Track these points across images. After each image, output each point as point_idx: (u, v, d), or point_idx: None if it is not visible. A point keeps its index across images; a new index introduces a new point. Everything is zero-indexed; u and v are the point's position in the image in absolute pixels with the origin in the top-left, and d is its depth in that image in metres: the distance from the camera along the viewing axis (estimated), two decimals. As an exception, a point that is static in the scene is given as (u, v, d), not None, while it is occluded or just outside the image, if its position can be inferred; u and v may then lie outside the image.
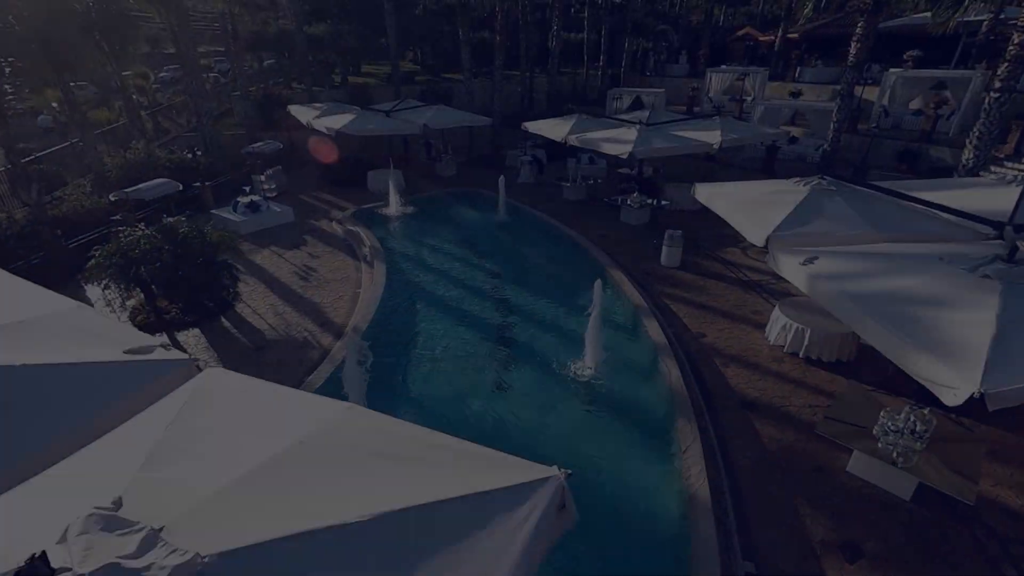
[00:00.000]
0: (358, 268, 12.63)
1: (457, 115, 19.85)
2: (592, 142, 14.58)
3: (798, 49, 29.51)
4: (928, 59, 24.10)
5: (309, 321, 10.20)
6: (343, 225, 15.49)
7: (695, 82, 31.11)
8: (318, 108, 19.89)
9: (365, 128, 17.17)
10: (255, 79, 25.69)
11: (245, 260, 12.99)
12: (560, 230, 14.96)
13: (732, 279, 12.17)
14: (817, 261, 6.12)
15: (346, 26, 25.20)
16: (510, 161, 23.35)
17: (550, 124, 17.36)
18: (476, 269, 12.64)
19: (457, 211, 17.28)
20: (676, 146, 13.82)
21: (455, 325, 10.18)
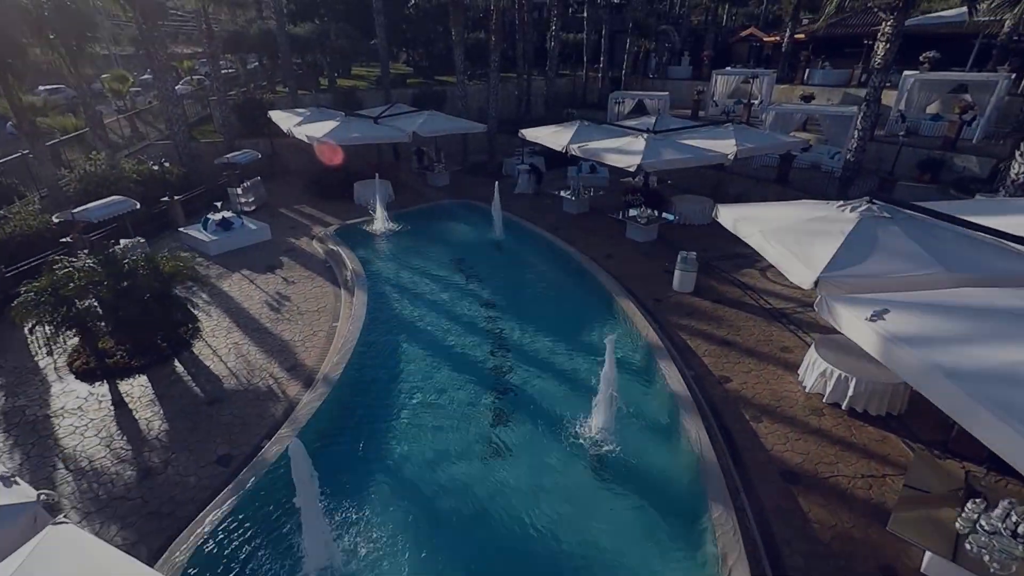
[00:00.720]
0: (337, 296, 11.33)
1: (449, 122, 18.60)
2: (595, 153, 13.33)
3: (805, 50, 28.35)
4: (939, 61, 22.96)
5: (276, 364, 8.90)
6: (324, 244, 14.19)
7: (700, 85, 29.92)
8: (301, 114, 18.60)
9: (348, 137, 15.89)
10: (237, 82, 24.34)
11: (211, 287, 11.68)
12: (562, 250, 13.69)
13: (753, 307, 10.93)
14: (888, 316, 4.87)
15: (334, 26, 23.92)
16: (507, 169, 22.11)
17: (549, 132, 16.12)
18: (468, 298, 11.36)
19: (449, 227, 16.00)
20: (688, 158, 12.59)
21: (442, 370, 8.89)
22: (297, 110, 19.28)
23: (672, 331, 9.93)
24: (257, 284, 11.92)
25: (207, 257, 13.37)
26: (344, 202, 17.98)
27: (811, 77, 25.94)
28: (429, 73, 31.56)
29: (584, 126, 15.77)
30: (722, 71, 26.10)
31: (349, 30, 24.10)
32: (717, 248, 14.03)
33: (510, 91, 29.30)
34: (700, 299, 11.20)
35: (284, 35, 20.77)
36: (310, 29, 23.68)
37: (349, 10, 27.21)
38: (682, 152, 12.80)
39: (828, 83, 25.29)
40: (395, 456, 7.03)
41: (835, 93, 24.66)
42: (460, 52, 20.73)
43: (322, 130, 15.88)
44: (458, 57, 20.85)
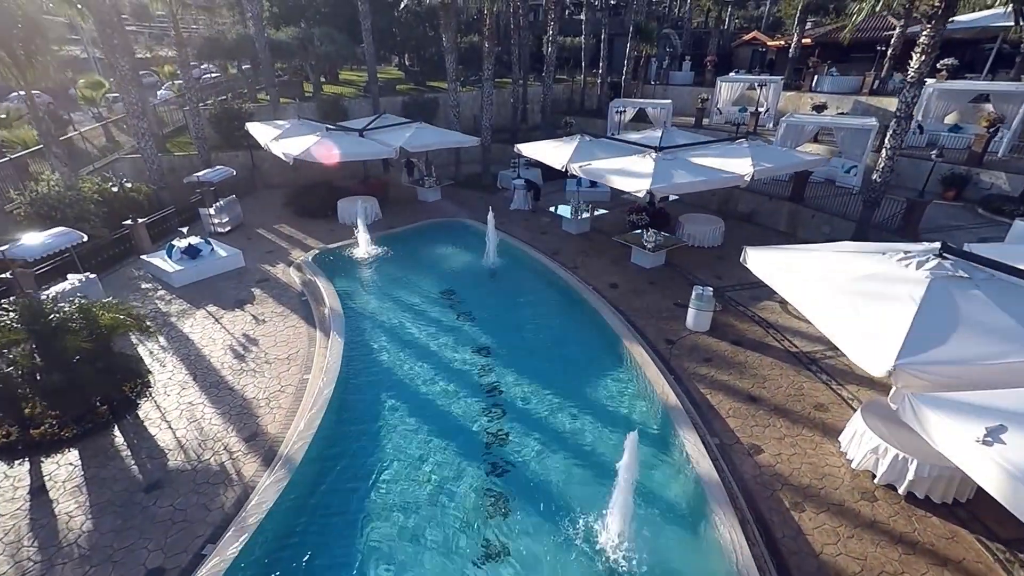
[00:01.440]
0: (311, 338, 10.07)
1: (439, 135, 17.35)
2: (599, 174, 12.13)
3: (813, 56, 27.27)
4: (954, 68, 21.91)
5: (233, 432, 7.64)
6: (302, 273, 12.91)
7: (703, 91, 28.79)
8: (279, 127, 17.30)
9: (329, 154, 14.61)
10: (217, 89, 22.93)
11: (171, 328, 10.39)
12: (562, 280, 12.48)
13: (777, 350, 9.76)
14: (1006, 435, 3.69)
15: (318, 31, 22.65)
16: (502, 181, 20.90)
17: (548, 148, 14.91)
18: (460, 342, 10.12)
19: (439, 251, 14.75)
20: (701, 180, 11.42)
21: (428, 441, 7.65)
22: (276, 122, 17.99)
23: (690, 383, 8.74)
24: (223, 324, 10.64)
25: (171, 289, 12.08)
26: (327, 221, 16.72)
27: (819, 84, 24.87)
28: (421, 78, 30.30)
29: (585, 141, 14.57)
30: (726, 78, 24.99)
31: (334, 35, 22.83)
32: (731, 275, 12.88)
33: (505, 98, 28.09)
34: (717, 340, 10.02)
35: (263, 41, 19.46)
36: (292, 34, 22.39)
37: (335, 14, 25.91)
38: (694, 174, 11.62)
39: (838, 91, 24.22)
40: (366, 565, 5.80)
41: (845, 101, 23.60)
42: (452, 59, 19.52)
43: (300, 146, 14.61)
44: (450, 65, 19.63)
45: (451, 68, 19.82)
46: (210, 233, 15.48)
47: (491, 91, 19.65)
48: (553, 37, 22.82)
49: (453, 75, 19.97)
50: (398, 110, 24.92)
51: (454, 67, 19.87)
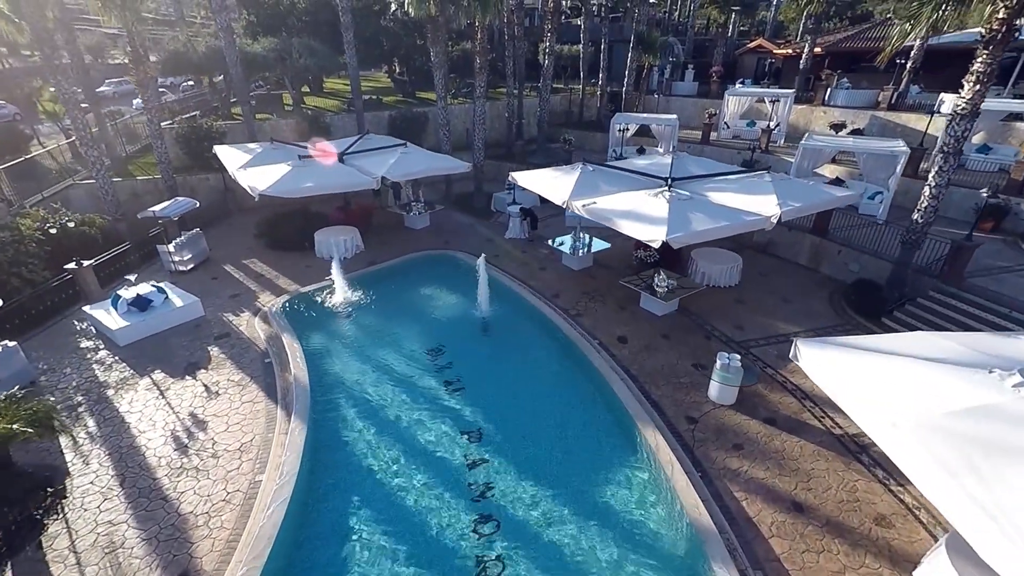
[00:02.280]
0: (271, 420, 8.53)
1: (426, 161, 15.81)
2: (606, 216, 10.65)
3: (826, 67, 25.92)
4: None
5: (158, 567, 6.12)
6: (268, 325, 11.37)
7: (707, 103, 27.39)
8: (250, 151, 15.74)
9: (300, 187, 13.06)
10: (187, 105, 21.20)
11: (104, 407, 8.84)
12: (563, 334, 10.99)
13: (817, 431, 8.33)
14: None
15: (298, 41, 21.07)
16: (496, 205, 19.42)
17: (546, 179, 13.43)
18: (446, 422, 8.62)
19: (425, 296, 13.22)
20: (723, 226, 9.96)
21: (403, 569, 6.17)
22: (247, 146, 16.42)
23: (720, 483, 7.29)
24: (168, 398, 9.10)
25: (114, 349, 10.52)
26: (303, 255, 15.18)
27: (833, 98, 23.51)
28: (410, 89, 28.73)
29: (588, 171, 13.10)
30: (734, 91, 23.58)
31: (314, 47, 21.27)
32: (753, 323, 11.48)
33: (499, 111, 26.60)
34: (746, 417, 8.58)
35: (235, 54, 17.88)
36: (269, 46, 20.81)
37: (317, 22, 24.32)
38: (714, 217, 10.17)
39: (853, 105, 22.87)
40: None
41: (861, 116, 22.26)
42: (441, 75, 18.01)
43: (267, 179, 13.05)
44: (439, 80, 18.13)
45: (440, 84, 18.31)
46: (171, 271, 13.94)
47: (483, 110, 18.17)
48: (550, 48, 21.36)
49: (442, 91, 18.46)
50: (384, 126, 23.41)
51: (443, 83, 18.36)
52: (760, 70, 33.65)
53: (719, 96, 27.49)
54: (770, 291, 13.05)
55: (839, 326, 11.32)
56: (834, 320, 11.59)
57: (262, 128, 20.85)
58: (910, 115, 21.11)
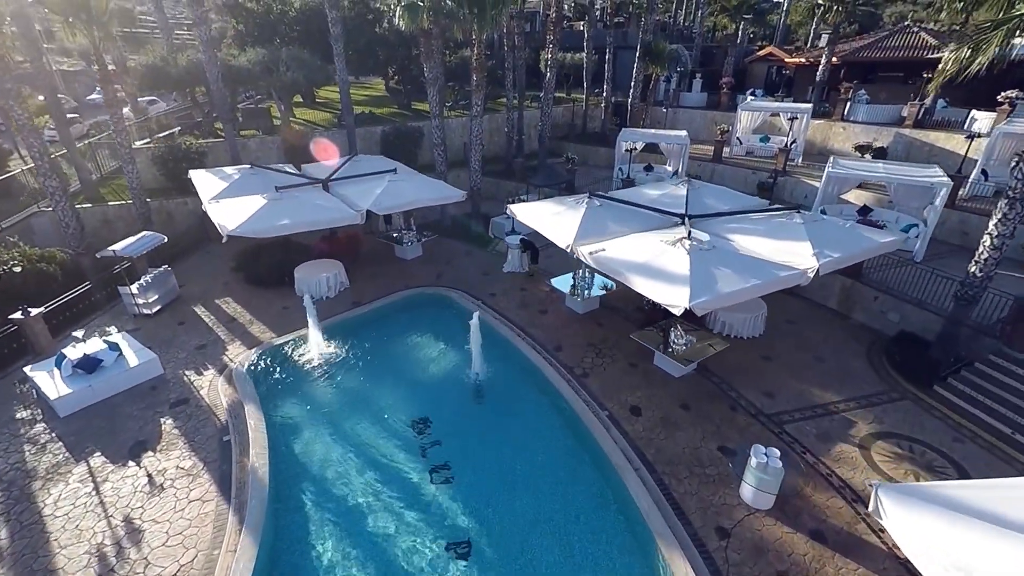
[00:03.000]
0: (220, 527, 7.17)
1: (417, 190, 14.40)
2: (617, 268, 9.27)
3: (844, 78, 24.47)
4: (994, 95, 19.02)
5: None
6: (232, 388, 10.01)
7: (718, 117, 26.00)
8: (227, 177, 14.41)
9: (274, 225, 11.69)
10: (158, 124, 19.69)
11: (23, 510, 7.48)
12: (567, 405, 9.60)
13: (876, 551, 6.93)
14: None
15: (286, 52, 19.72)
16: (494, 230, 18.05)
17: (548, 213, 12.06)
18: (429, 526, 7.27)
19: (412, 346, 11.86)
20: (755, 286, 8.58)
21: None
22: (224, 170, 15.07)
23: (764, 634, 5.91)
24: (103, 494, 7.74)
25: (53, 421, 9.18)
26: (282, 293, 13.84)
27: (853, 112, 22.10)
28: (405, 100, 27.36)
29: (595, 206, 11.72)
30: (748, 105, 22.16)
31: (304, 58, 19.93)
32: (784, 388, 10.09)
33: (499, 124, 25.26)
34: (789, 529, 7.18)
35: (215, 69, 16.55)
36: (256, 57, 19.48)
37: (309, 31, 22.97)
38: (742, 273, 8.78)
39: (875, 121, 21.47)
40: None
41: (884, 133, 20.85)
42: (435, 91, 16.69)
43: (239, 214, 11.71)
44: (433, 98, 16.79)
45: (434, 101, 16.96)
46: (135, 315, 12.62)
47: (481, 129, 16.81)
48: (552, 60, 19.98)
49: (437, 107, 17.10)
50: (377, 143, 22.08)
51: (438, 99, 17.01)
52: (770, 79, 32.25)
53: (729, 108, 26.15)
54: (800, 344, 11.64)
55: (884, 394, 9.91)
56: (877, 385, 10.18)
57: (246, 147, 19.54)
58: (938, 133, 19.71)
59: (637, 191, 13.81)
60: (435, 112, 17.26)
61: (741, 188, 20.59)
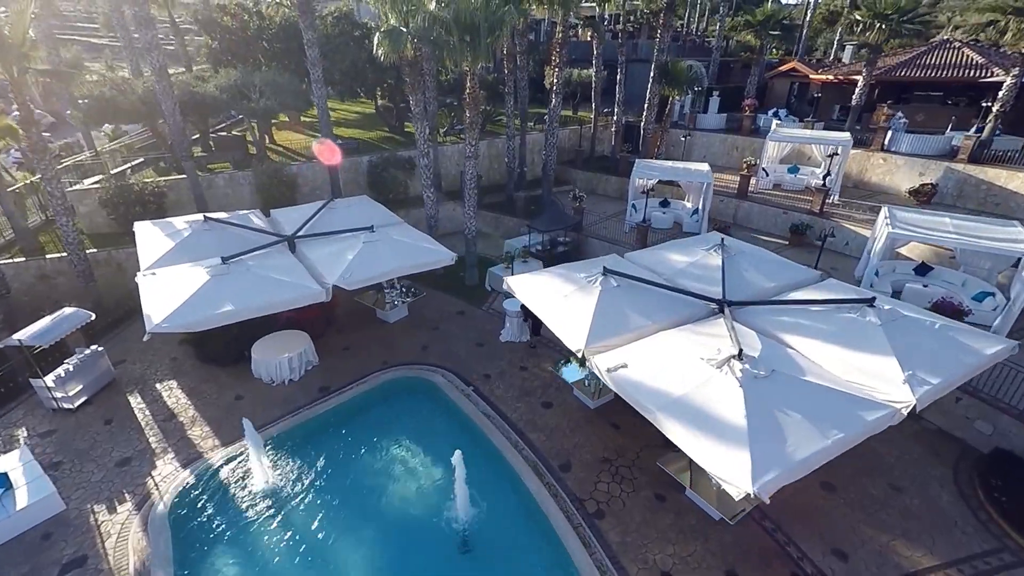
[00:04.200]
0: None
1: (399, 255, 11.83)
2: (645, 405, 6.99)
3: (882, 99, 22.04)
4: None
5: None
6: (147, 538, 7.80)
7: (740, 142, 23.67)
8: (176, 233, 12.17)
9: (211, 316, 9.34)
10: (111, 160, 17.44)
11: None
12: (577, 568, 7.34)
13: None
14: None
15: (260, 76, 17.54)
16: (491, 282, 15.84)
17: (554, 294, 9.78)
18: None
19: (383, 467, 9.51)
20: (840, 440, 6.29)
21: None
22: (174, 223, 12.84)
23: None
24: None
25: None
26: (239, 373, 11.71)
27: (894, 142, 19.71)
28: (396, 121, 25.10)
29: (611, 287, 9.46)
30: (776, 135, 19.76)
31: (280, 82, 17.75)
32: (856, 541, 7.78)
33: (499, 150, 23.01)
34: None
35: (171, 100, 14.39)
36: (226, 81, 17.31)
37: (289, 50, 20.79)
38: (817, 418, 6.47)
39: (921, 153, 19.05)
40: None
41: (931, 167, 18.46)
42: (423, 127, 14.49)
43: (171, 298, 9.44)
44: (421, 133, 14.57)
45: (423, 137, 14.73)
46: (52, 410, 10.43)
47: (474, 170, 14.57)
48: (557, 87, 17.72)
49: (426, 145, 14.87)
50: (363, 175, 19.89)
51: (426, 134, 14.79)
52: (792, 96, 29.86)
53: (752, 133, 23.82)
54: (867, 464, 9.31)
55: (993, 554, 7.60)
56: (979, 536, 7.87)
57: (213, 184, 17.34)
58: (998, 170, 17.31)
59: (660, 256, 11.51)
60: (423, 150, 15.03)
61: (771, 229, 18.30)
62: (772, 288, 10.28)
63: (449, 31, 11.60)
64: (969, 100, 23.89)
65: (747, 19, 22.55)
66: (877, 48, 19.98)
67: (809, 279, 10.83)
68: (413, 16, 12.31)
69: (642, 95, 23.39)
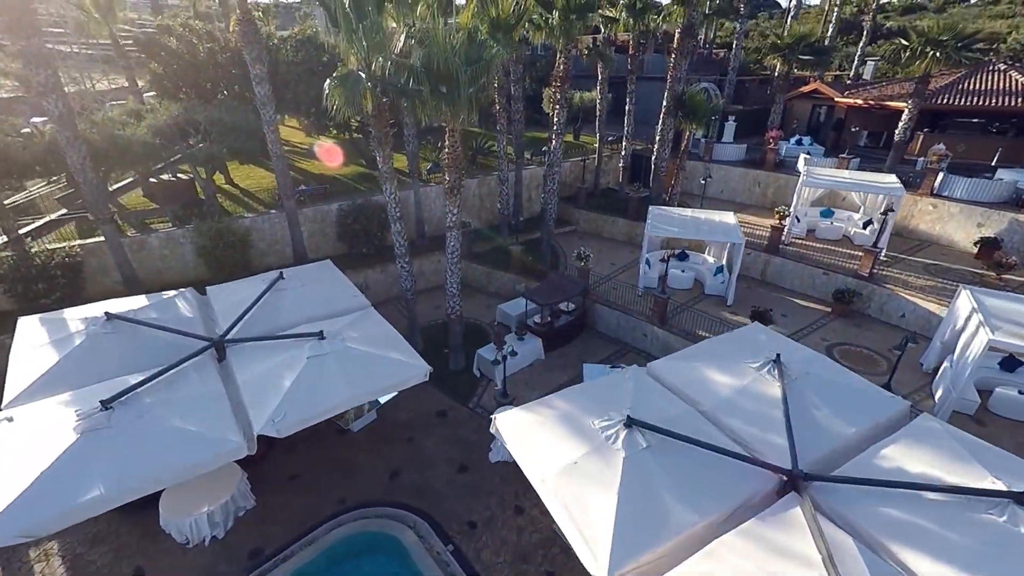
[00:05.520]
0: None
1: (348, 383, 8.81)
2: None
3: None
4: None
5: None
6: None
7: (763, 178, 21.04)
8: (67, 340, 9.33)
9: (71, 508, 6.36)
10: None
11: None
12: None
13: None
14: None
15: (204, 116, 14.65)
16: (480, 365, 13.17)
17: (559, 458, 7.06)
18: None
19: None
20: None
21: None
22: (68, 318, 9.98)
23: None
24: None
25: None
26: (148, 521, 8.91)
27: (947, 186, 17.09)
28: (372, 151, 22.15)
29: (638, 450, 6.80)
30: (811, 179, 16.95)
31: (230, 122, 14.83)
32: None
33: (492, 188, 20.25)
34: None
35: (78, 151, 11.54)
36: (163, 120, 14.43)
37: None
38: None
39: (979, 200, 16.43)
40: None
41: (992, 218, 15.87)
42: (391, 188, 11.69)
43: (11, 482, 6.62)
44: (389, 195, 11.80)
45: (392, 202, 11.94)
46: None
47: (456, 245, 11.83)
48: (559, 126, 15.00)
49: (396, 208, 12.08)
50: (331, 225, 17.11)
51: (396, 203, 11.99)
52: (815, 120, 27.25)
53: (776, 167, 21.15)
54: None
55: None
56: None
57: (146, 247, 14.50)
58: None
59: (696, 373, 8.80)
60: (394, 215, 12.23)
61: (809, 291, 15.61)
62: (854, 437, 7.62)
63: (419, 79, 8.84)
64: (1017, 129, 21.38)
65: (774, 42, 19.81)
66: (925, 77, 17.31)
67: (897, 416, 8.17)
68: (377, 57, 9.53)
69: (648, 117, 20.60)
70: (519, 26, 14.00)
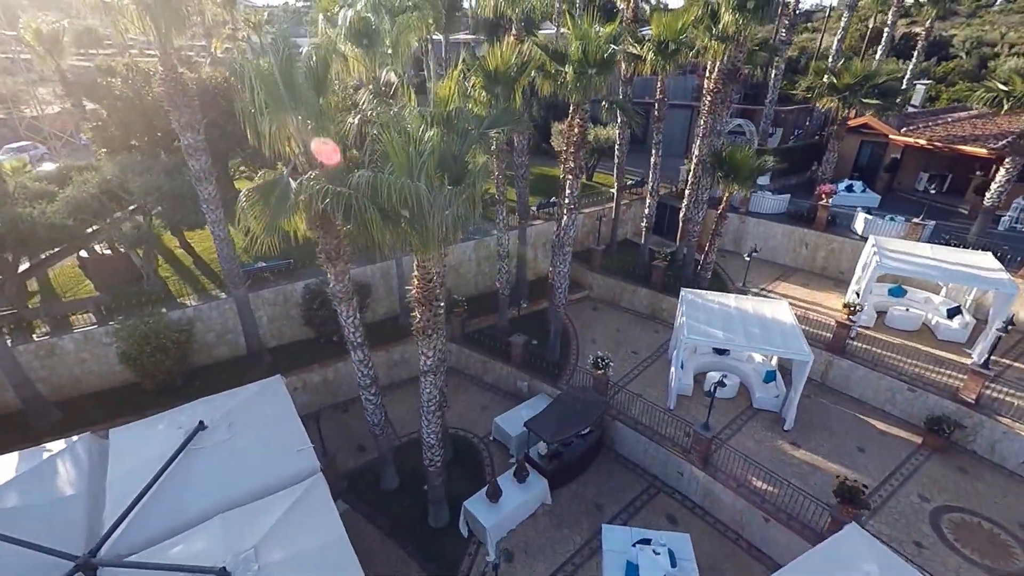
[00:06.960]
0: None
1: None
2: None
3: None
4: None
5: None
6: None
7: (812, 239, 17.74)
8: None
9: None
10: None
11: None
12: None
13: None
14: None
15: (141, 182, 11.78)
16: (468, 520, 10.10)
17: None
18: None
19: None
20: None
21: None
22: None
23: None
24: None
25: None
26: None
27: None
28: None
29: None
30: (887, 263, 13.23)
31: (175, 184, 11.99)
32: None
33: (491, 250, 17.21)
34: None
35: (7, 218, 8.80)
36: (90, 188, 11.63)
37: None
38: None
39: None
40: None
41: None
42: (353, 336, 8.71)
43: None
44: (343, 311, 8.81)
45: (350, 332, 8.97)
46: None
47: (432, 403, 8.81)
48: (572, 198, 11.95)
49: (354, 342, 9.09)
50: (295, 307, 14.17)
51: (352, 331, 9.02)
52: (864, 158, 23.76)
53: (828, 227, 17.71)
54: None
55: None
56: None
57: (56, 352, 11.65)
58: None
59: None
60: (364, 372, 9.22)
61: (886, 406, 12.35)
62: None
63: (362, 208, 5.86)
64: None
65: (831, 81, 16.44)
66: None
67: None
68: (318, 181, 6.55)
69: (668, 146, 16.89)
70: (523, 78, 11.00)
